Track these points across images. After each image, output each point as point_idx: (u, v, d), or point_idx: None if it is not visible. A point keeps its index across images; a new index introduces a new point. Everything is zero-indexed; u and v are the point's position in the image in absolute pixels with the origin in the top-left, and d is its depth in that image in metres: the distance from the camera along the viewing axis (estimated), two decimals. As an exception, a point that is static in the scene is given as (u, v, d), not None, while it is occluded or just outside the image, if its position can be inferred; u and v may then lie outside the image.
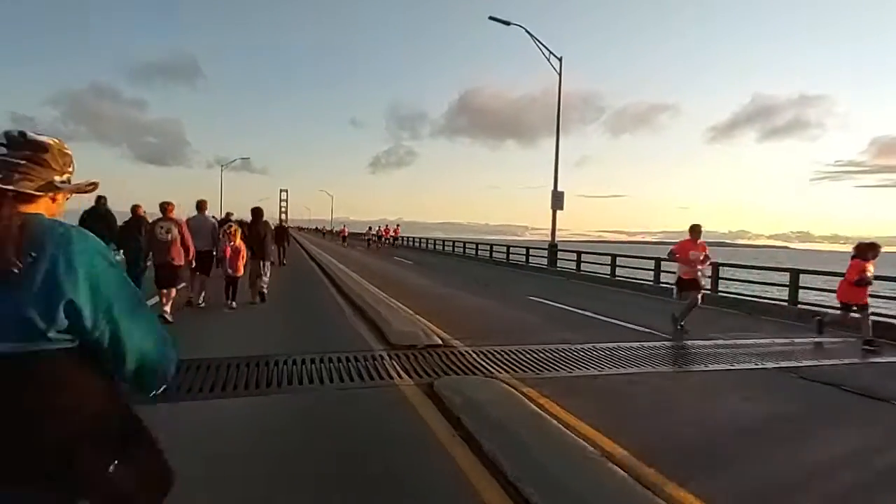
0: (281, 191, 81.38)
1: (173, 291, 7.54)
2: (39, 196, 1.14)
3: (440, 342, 6.26)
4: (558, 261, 20.53)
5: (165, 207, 7.54)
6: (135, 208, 8.70)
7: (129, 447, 1.16)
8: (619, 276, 16.48)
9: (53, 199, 1.19)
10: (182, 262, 7.54)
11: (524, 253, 22.94)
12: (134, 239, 8.09)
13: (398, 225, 43.83)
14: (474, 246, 29.70)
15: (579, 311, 9.69)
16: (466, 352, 5.90)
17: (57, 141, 1.18)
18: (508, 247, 25.00)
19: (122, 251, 8.24)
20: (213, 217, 10.14)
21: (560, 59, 20.42)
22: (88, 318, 1.05)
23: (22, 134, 1.12)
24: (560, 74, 20.38)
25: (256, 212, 9.94)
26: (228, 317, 8.05)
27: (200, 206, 9.04)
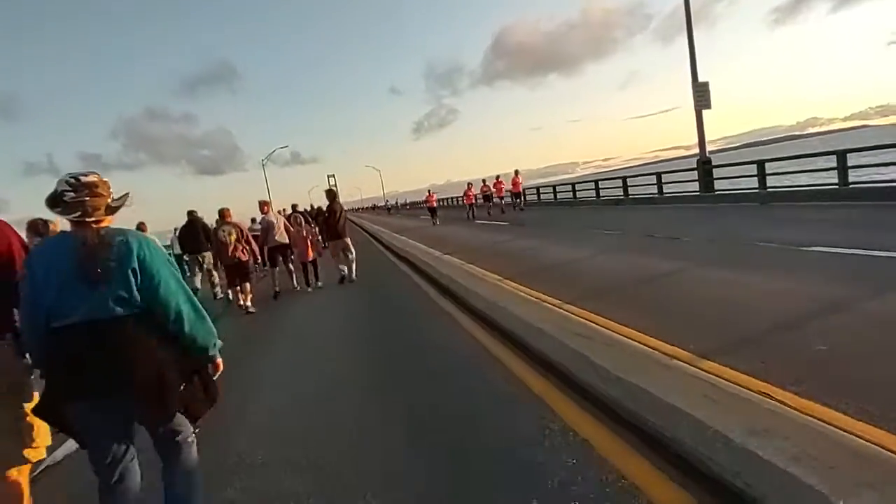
0: (329, 176, 76.57)
1: (248, 286, 8.36)
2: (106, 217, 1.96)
3: None
4: (715, 182, 14.57)
5: (223, 213, 8.31)
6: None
7: (191, 378, 2.04)
8: (858, 184, 10.43)
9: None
10: (247, 258, 8.26)
11: (654, 182, 17.02)
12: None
13: (517, 172, 23.46)
14: (569, 187, 23.80)
15: None
16: None
17: (97, 175, 1.93)
18: (624, 178, 19.05)
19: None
20: (280, 212, 11.63)
21: None
22: (143, 279, 1.86)
23: (77, 179, 1.86)
24: None
25: (330, 194, 9.80)
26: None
27: (262, 206, 9.44)
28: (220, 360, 2.21)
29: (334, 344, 5.59)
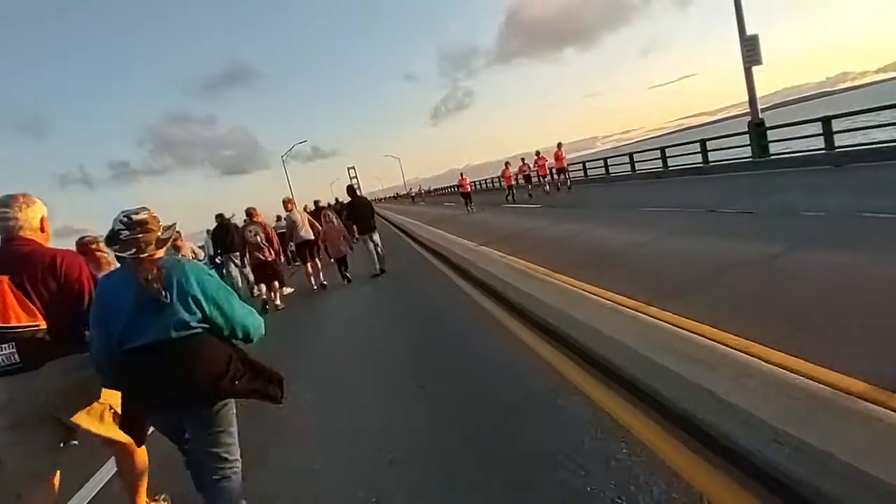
0: (349, 169, 75.67)
1: (276, 284, 8.78)
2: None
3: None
4: (769, 145, 13.20)
5: (250, 212, 8.77)
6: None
7: (244, 373, 2.18)
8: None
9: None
10: (272, 258, 8.55)
11: (697, 151, 15.66)
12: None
13: (560, 145, 20.91)
14: (601, 162, 22.51)
15: None
16: None
17: (149, 211, 2.14)
18: (663, 148, 17.64)
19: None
20: (303, 209, 11.41)
21: None
22: (205, 306, 2.06)
23: (129, 217, 2.06)
24: None
25: (351, 190, 10.31)
26: None
27: (286, 204, 9.78)
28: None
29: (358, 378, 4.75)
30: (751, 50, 13.12)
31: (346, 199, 11.03)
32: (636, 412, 2.74)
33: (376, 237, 9.65)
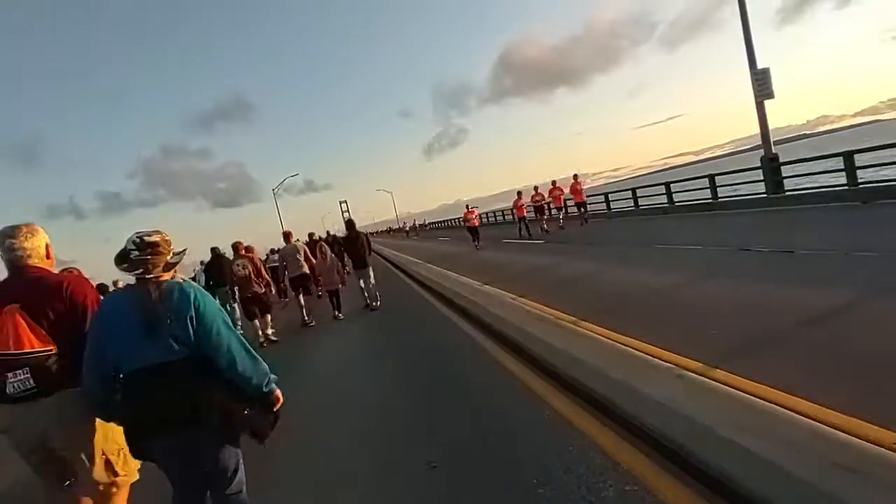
0: (340, 203, 74.78)
1: (268, 318, 8.69)
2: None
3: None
4: (784, 180, 12.70)
5: (236, 246, 8.98)
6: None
7: (252, 405, 2.14)
8: None
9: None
10: (263, 290, 8.54)
11: (704, 187, 15.15)
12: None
13: (576, 176, 19.72)
14: (602, 198, 21.97)
15: None
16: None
17: (161, 235, 2.12)
18: (667, 183, 17.09)
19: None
20: (299, 240, 10.78)
21: None
22: (198, 327, 1.99)
23: (141, 239, 2.05)
24: None
25: (349, 224, 10.03)
26: None
27: (287, 236, 9.93)
28: (278, 392, 2.27)
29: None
30: (762, 83, 12.77)
31: (338, 232, 11.09)
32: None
33: (370, 271, 9.63)
